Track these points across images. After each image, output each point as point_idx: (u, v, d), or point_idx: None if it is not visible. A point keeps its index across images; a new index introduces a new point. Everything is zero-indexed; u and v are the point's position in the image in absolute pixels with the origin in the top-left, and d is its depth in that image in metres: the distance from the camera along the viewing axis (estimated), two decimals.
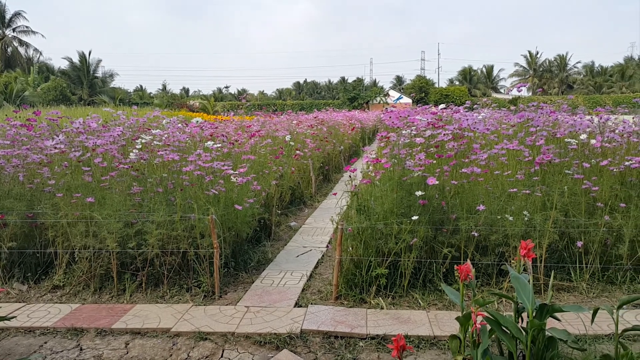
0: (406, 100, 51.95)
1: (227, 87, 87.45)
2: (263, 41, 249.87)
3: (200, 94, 68.35)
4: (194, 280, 4.35)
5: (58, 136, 4.93)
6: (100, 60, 52.36)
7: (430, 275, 4.23)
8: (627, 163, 4.33)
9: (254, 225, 5.23)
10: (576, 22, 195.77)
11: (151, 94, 66.19)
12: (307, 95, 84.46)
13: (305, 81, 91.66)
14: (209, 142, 5.00)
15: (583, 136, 4.79)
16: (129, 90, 64.77)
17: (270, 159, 6.55)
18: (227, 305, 4.00)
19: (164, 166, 4.87)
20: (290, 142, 7.69)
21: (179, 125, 6.25)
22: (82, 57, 51.12)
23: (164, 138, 5.18)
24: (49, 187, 4.55)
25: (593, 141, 4.74)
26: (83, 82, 50.72)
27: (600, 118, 5.47)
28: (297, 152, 7.59)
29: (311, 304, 3.97)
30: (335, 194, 6.67)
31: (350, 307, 3.91)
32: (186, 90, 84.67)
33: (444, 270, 4.19)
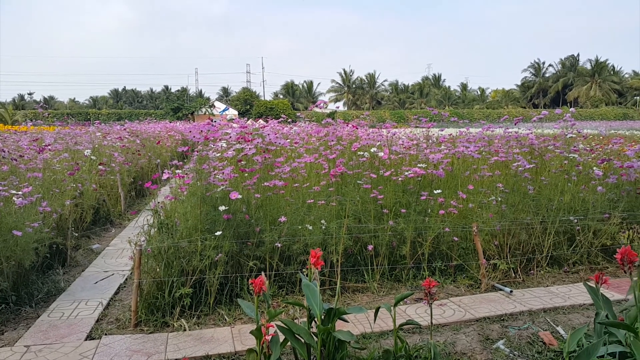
0: (232, 111, 52.11)
1: (30, 94, 77.60)
2: (73, 44, 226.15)
3: None
4: None
5: None
6: None
7: (237, 289, 4.23)
8: (406, 173, 4.91)
9: (42, 252, 4.63)
10: (384, 42, 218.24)
11: None
12: (126, 105, 79.15)
13: (124, 89, 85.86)
14: None
15: (373, 149, 5.30)
16: None
17: (65, 175, 5.90)
18: (2, 347, 3.46)
19: None
20: (92, 157, 7.03)
21: None
22: None
23: None
24: None
25: (381, 154, 5.27)
26: None
27: (389, 132, 6.13)
28: (101, 167, 6.98)
29: (105, 334, 3.64)
30: (134, 213, 6.30)
31: (151, 332, 3.69)
32: None
33: (251, 283, 4.21)
